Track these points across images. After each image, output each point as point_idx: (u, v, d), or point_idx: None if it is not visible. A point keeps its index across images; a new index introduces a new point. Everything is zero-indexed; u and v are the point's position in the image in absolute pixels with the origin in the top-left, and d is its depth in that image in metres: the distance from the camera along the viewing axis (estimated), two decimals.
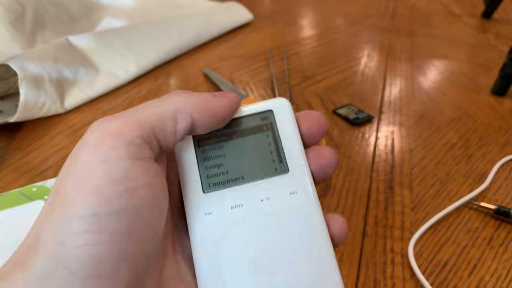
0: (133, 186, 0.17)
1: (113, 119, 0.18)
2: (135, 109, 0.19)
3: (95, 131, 0.17)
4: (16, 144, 0.47)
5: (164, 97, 0.20)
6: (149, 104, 0.19)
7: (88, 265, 0.16)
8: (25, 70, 0.47)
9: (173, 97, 0.20)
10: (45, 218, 0.17)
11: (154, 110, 0.19)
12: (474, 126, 0.56)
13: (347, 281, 0.34)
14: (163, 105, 0.19)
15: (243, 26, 0.84)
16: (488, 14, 0.98)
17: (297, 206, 0.21)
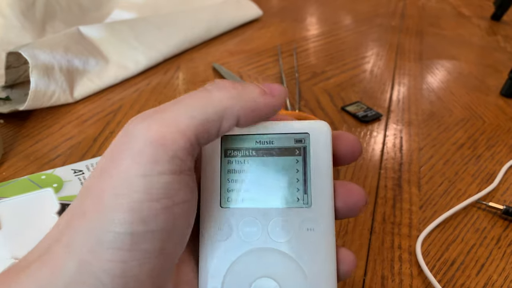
0: (171, 204, 0.16)
1: (156, 122, 0.16)
2: (177, 108, 0.17)
3: (139, 136, 0.16)
4: (26, 132, 0.47)
5: (208, 91, 0.18)
6: (191, 101, 0.17)
7: (117, 280, 0.15)
8: (36, 59, 0.47)
9: (219, 93, 0.18)
10: (78, 218, 0.16)
11: (198, 112, 0.17)
12: (483, 127, 0.56)
13: (355, 276, 0.34)
14: (209, 104, 0.17)
15: (252, 22, 0.84)
16: (498, 17, 0.98)
17: (311, 244, 0.20)
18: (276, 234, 0.21)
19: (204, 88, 0.18)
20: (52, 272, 0.15)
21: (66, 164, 0.43)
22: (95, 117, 0.50)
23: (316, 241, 0.20)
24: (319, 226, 0.20)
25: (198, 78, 0.61)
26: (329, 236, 0.21)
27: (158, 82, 0.59)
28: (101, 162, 0.17)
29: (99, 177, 0.16)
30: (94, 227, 0.15)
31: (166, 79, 0.60)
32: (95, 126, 0.49)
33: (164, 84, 0.59)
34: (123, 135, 0.17)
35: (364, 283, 0.33)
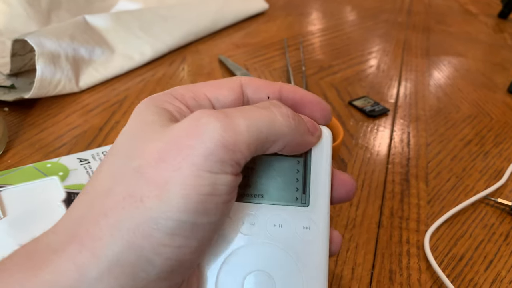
0: (228, 200, 0.18)
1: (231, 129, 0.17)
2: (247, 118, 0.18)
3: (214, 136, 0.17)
4: (31, 121, 0.46)
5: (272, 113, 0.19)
6: (259, 117, 0.18)
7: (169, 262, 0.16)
8: (42, 46, 0.47)
9: (281, 119, 0.19)
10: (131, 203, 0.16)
11: (265, 130, 0.18)
12: (491, 123, 0.55)
13: (363, 270, 0.33)
14: (272, 126, 0.18)
15: (258, 15, 0.83)
16: (505, 14, 0.97)
17: (306, 241, 0.21)
18: (273, 230, 0.21)
19: (268, 107, 0.19)
20: (93, 253, 0.15)
21: (71, 153, 0.42)
22: (100, 107, 0.50)
23: (312, 239, 0.21)
24: (315, 225, 0.22)
25: (204, 70, 0.61)
26: (323, 235, 0.22)
27: (163, 73, 0.59)
28: (155, 148, 0.17)
29: (157, 165, 0.16)
30: (154, 213, 0.16)
31: (172, 70, 0.60)
32: (100, 116, 0.48)
33: (169, 75, 0.58)
34: (193, 129, 0.17)
35: (372, 276, 0.33)
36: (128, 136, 0.19)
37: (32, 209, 0.35)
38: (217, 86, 0.21)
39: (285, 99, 0.22)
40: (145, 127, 0.18)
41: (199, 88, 0.21)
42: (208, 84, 0.21)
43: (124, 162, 0.17)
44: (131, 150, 0.17)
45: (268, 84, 0.22)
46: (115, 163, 0.18)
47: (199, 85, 0.21)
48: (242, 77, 0.22)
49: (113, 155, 0.18)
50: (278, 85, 0.22)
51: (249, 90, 0.22)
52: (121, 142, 0.19)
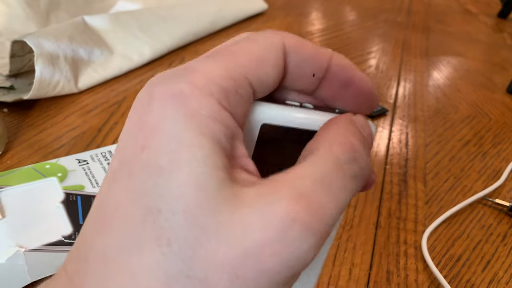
0: None
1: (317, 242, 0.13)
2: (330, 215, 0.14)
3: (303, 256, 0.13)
4: (30, 122, 0.47)
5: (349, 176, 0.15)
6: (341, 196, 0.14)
7: None
8: (41, 47, 0.47)
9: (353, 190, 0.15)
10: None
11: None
12: (489, 124, 0.55)
13: (360, 271, 0.33)
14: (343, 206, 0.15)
15: (257, 16, 0.83)
16: (505, 14, 0.97)
17: None
18: None
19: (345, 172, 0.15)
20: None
21: (70, 154, 0.42)
22: (99, 108, 0.50)
23: None
24: None
25: None
26: (327, 245, 0.20)
27: None
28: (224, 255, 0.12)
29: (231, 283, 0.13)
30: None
31: None
32: (99, 116, 0.49)
33: None
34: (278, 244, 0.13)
35: (370, 277, 0.33)
36: (180, 213, 0.12)
37: (30, 210, 0.35)
38: (259, 59, 0.15)
39: (331, 78, 0.17)
40: (202, 203, 0.12)
41: (238, 67, 0.15)
42: (245, 54, 0.15)
43: (180, 263, 0.12)
44: (191, 246, 0.12)
45: (315, 53, 0.17)
46: (163, 255, 0.12)
47: (236, 59, 0.15)
48: (285, 37, 0.16)
49: (154, 233, 0.13)
50: (328, 56, 0.17)
51: (292, 58, 0.16)
52: (167, 219, 0.12)
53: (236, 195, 0.13)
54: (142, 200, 0.13)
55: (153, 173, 0.12)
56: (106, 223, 0.13)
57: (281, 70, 0.16)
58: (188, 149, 0.12)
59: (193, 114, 0.13)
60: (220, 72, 0.14)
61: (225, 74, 0.14)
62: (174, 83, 0.13)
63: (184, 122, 0.13)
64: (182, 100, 0.13)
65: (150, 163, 0.13)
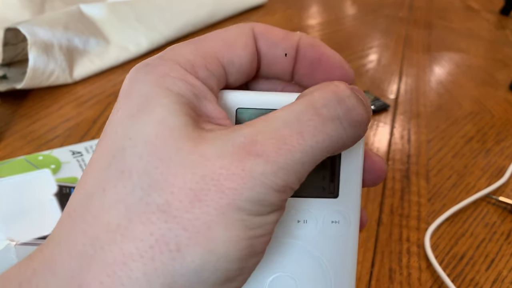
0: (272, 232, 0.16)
1: (279, 170, 0.14)
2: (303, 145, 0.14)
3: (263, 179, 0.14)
4: (23, 112, 0.45)
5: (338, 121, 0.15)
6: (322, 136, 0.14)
7: None
8: (35, 35, 0.46)
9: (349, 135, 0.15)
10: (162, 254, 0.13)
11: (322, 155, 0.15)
12: (492, 121, 0.54)
13: (362, 268, 0.32)
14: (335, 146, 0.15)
15: (257, 9, 0.82)
16: (507, 11, 0.96)
17: (335, 238, 0.18)
18: (297, 227, 0.18)
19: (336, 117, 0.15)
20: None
21: (63, 145, 0.41)
22: (95, 99, 0.49)
23: (341, 234, 0.18)
24: (344, 219, 0.18)
25: None
26: (354, 229, 0.19)
27: None
28: (187, 181, 0.13)
29: (193, 206, 0.13)
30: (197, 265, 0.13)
31: None
32: (94, 108, 0.47)
33: None
34: (236, 169, 0.14)
35: (372, 275, 0.32)
36: (141, 145, 0.13)
37: (22, 203, 0.34)
38: (229, 42, 0.17)
39: (302, 57, 0.18)
40: (164, 135, 0.13)
41: (208, 48, 0.16)
42: (216, 39, 0.17)
43: (140, 191, 0.13)
44: (150, 174, 0.13)
45: (284, 36, 0.18)
46: (124, 187, 0.13)
47: (207, 43, 0.16)
48: (255, 25, 0.18)
49: (122, 170, 0.13)
50: (296, 37, 0.18)
51: (263, 43, 0.18)
52: (130, 153, 0.13)
53: (198, 132, 0.14)
54: (111, 146, 0.14)
55: (123, 123, 0.14)
56: (79, 184, 0.14)
57: (253, 54, 0.17)
58: (155, 99, 0.14)
59: (161, 75, 0.15)
60: (190, 51, 0.16)
61: (195, 52, 0.16)
62: (148, 60, 0.16)
63: (153, 82, 0.14)
64: (152, 68, 0.15)
65: (122, 118, 0.14)
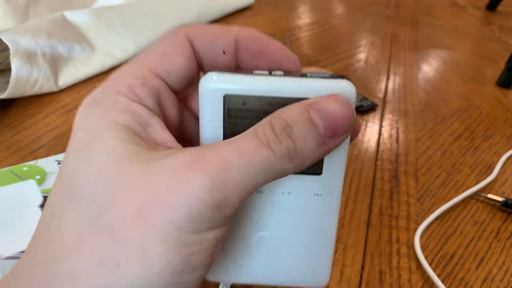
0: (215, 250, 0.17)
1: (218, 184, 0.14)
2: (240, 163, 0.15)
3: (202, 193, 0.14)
4: (7, 122, 0.45)
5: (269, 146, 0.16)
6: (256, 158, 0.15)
7: None
8: (17, 44, 0.45)
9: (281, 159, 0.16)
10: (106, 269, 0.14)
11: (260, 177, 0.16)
12: (480, 117, 0.55)
13: (352, 271, 0.32)
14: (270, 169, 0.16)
15: (244, 10, 0.81)
16: (493, 7, 0.97)
17: (316, 208, 0.20)
18: (281, 198, 0.20)
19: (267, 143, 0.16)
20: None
21: (49, 155, 0.41)
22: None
23: (323, 205, 0.20)
24: (327, 193, 0.19)
25: None
26: (335, 202, 0.20)
27: None
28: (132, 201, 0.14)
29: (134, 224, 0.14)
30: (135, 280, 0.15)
31: None
32: None
33: None
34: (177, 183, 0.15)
35: (362, 277, 0.32)
36: (91, 173, 0.14)
37: (7, 215, 0.33)
38: (162, 53, 0.17)
39: (243, 51, 0.18)
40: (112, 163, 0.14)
41: (143, 65, 0.17)
42: (151, 53, 0.17)
43: (91, 213, 0.14)
44: (98, 199, 0.14)
45: (219, 34, 0.18)
46: (76, 211, 0.14)
47: (141, 60, 0.17)
48: (188, 28, 0.18)
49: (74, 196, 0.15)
50: (233, 32, 0.18)
51: (198, 44, 0.18)
52: (81, 181, 0.15)
53: (145, 158, 0.15)
54: (65, 176, 0.15)
55: (75, 155, 0.15)
56: (44, 208, 0.16)
57: (190, 58, 0.18)
58: (103, 132, 0.15)
59: (106, 110, 0.16)
60: (128, 74, 0.17)
61: (131, 73, 0.17)
62: (94, 94, 0.16)
63: (100, 116, 0.15)
64: (98, 104, 0.16)
65: (74, 150, 0.15)
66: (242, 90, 0.17)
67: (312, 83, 0.17)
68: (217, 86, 0.17)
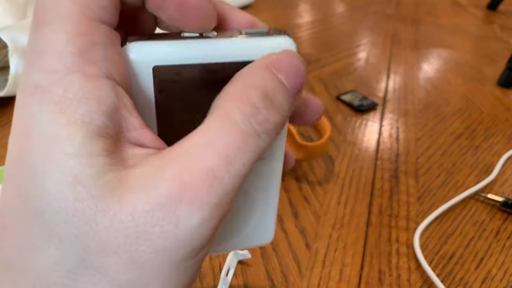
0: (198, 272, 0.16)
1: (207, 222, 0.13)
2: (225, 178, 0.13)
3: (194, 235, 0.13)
4: (5, 120, 0.45)
5: (256, 138, 0.14)
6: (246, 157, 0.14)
7: None
8: (16, 42, 0.45)
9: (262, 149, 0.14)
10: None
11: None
12: (480, 117, 0.54)
13: (351, 271, 0.32)
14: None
15: (244, 8, 0.81)
16: (494, 6, 0.97)
17: (261, 170, 0.19)
18: None
19: (254, 134, 0.14)
20: None
21: None
22: None
23: (266, 167, 0.19)
24: (269, 157, 0.19)
25: None
26: (278, 166, 0.20)
27: None
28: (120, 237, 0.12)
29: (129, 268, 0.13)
30: None
31: None
32: None
33: None
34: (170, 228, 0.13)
35: (361, 277, 0.32)
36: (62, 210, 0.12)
37: None
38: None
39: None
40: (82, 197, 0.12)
41: (72, 11, 0.13)
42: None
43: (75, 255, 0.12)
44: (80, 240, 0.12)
45: None
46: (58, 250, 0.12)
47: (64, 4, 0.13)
48: None
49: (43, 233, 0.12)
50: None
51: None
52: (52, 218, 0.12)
53: (120, 179, 0.12)
54: (28, 201, 0.12)
55: (31, 174, 0.12)
56: (4, 226, 0.13)
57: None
58: (58, 144, 0.12)
59: (58, 103, 0.12)
60: (65, 36, 0.12)
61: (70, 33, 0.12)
62: (30, 77, 0.12)
63: (51, 116, 0.12)
64: (43, 94, 0.12)
65: (28, 165, 0.12)
66: (174, 59, 0.15)
67: (253, 44, 0.16)
68: (144, 57, 0.14)
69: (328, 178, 0.41)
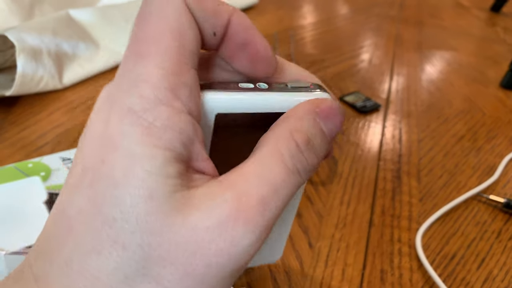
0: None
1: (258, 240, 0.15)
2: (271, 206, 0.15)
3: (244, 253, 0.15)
4: (12, 119, 0.45)
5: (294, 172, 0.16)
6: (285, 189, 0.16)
7: None
8: (23, 42, 0.45)
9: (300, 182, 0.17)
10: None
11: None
12: (483, 119, 0.55)
13: (353, 270, 0.33)
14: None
15: (248, 9, 0.82)
16: (497, 8, 0.97)
17: None
18: None
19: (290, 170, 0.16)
20: None
21: (54, 152, 0.41)
22: (85, 104, 0.49)
23: None
24: None
25: None
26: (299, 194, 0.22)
27: None
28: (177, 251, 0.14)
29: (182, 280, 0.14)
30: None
31: None
32: (85, 113, 0.47)
33: None
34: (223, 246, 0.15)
35: (363, 277, 0.32)
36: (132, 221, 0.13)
37: (12, 211, 0.34)
38: (173, 28, 0.15)
39: (230, 37, 0.16)
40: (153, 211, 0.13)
41: (167, 54, 0.14)
42: (166, 33, 0.15)
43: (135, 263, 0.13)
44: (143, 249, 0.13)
45: (216, 11, 0.16)
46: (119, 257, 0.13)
47: (161, 44, 0.14)
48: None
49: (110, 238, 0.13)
50: (228, 13, 0.16)
51: (198, 15, 0.16)
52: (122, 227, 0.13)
53: (186, 199, 0.14)
54: (101, 208, 0.13)
55: (110, 185, 0.13)
56: (69, 228, 0.14)
57: (196, 27, 0.15)
58: (140, 162, 0.13)
59: (147, 128, 0.13)
60: (162, 72, 0.14)
61: (166, 70, 0.14)
62: (126, 99, 0.14)
63: (139, 137, 0.13)
64: (136, 118, 0.14)
65: (108, 176, 0.14)
66: (234, 108, 0.17)
67: (299, 98, 0.18)
68: (211, 105, 0.17)
69: (331, 178, 0.41)
